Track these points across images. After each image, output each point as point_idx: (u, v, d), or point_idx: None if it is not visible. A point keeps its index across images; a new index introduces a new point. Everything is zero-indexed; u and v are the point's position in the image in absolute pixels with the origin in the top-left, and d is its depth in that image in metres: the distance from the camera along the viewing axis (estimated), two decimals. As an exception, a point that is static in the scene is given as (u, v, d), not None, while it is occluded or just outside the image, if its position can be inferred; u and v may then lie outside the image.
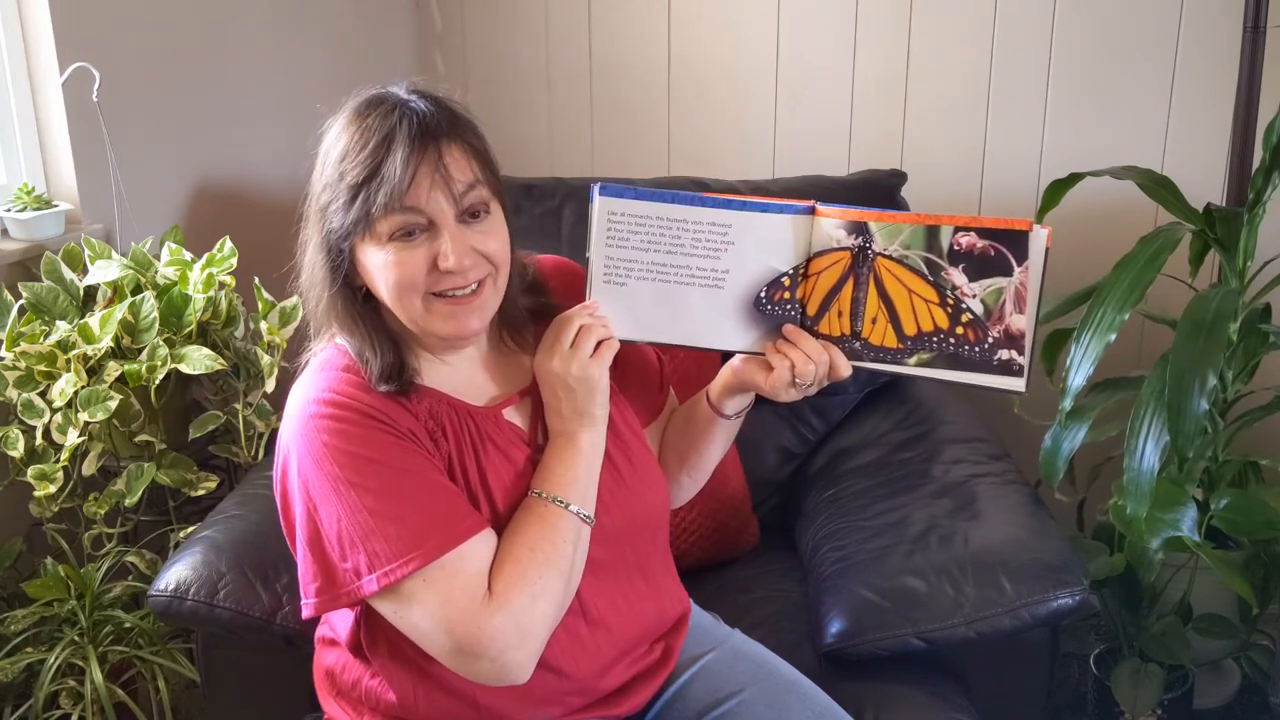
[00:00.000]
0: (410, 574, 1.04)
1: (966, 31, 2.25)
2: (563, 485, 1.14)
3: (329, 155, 1.09)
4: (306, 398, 1.10)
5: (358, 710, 1.21)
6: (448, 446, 1.13)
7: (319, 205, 1.10)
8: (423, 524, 1.05)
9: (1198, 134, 2.15)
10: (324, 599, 1.09)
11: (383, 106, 1.08)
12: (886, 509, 1.60)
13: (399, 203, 1.05)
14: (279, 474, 1.12)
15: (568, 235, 1.94)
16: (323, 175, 1.10)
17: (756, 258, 1.17)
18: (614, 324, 1.19)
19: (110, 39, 1.86)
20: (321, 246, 1.10)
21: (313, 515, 1.07)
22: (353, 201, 1.06)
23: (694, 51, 2.42)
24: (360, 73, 2.40)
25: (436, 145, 1.06)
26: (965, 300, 1.14)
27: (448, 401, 1.15)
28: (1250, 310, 1.78)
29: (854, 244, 1.15)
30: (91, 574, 1.67)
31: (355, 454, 1.06)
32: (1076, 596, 1.37)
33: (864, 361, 1.18)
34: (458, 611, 1.05)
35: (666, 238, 1.17)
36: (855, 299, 1.16)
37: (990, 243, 1.12)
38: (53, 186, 1.86)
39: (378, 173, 1.05)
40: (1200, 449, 1.77)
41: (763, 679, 1.27)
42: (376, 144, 1.05)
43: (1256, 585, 1.81)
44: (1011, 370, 1.14)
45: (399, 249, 1.07)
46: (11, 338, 1.63)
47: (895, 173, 2.07)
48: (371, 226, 1.06)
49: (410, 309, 1.10)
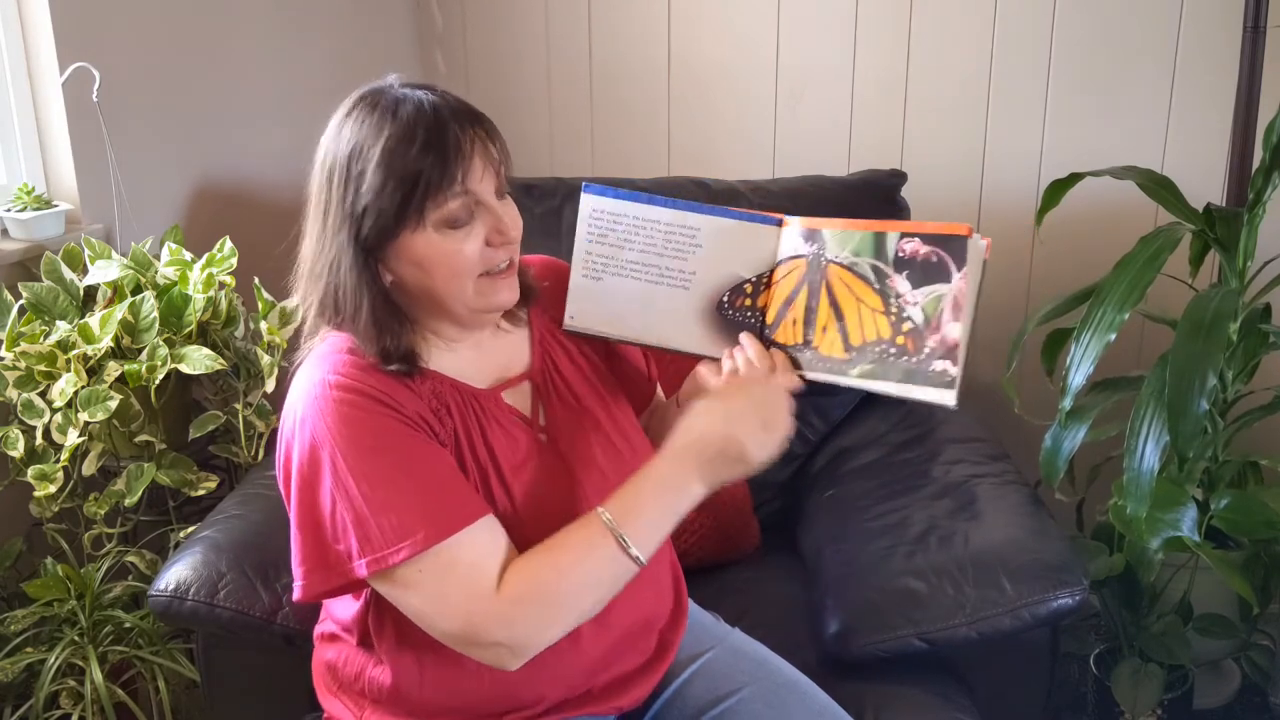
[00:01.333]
0: (403, 561, 1.04)
1: (966, 31, 2.25)
2: (637, 525, 1.08)
3: (358, 148, 1.07)
4: (313, 380, 1.09)
5: (359, 705, 1.21)
6: (453, 424, 1.13)
7: (346, 205, 1.08)
8: (419, 511, 1.05)
9: (1198, 134, 2.15)
10: (313, 580, 1.09)
11: (408, 102, 1.08)
12: (887, 510, 1.60)
13: (462, 187, 1.07)
14: (282, 456, 1.12)
15: (568, 235, 1.93)
16: (350, 167, 1.08)
17: (722, 263, 1.19)
18: (590, 317, 1.23)
19: (110, 39, 1.86)
20: (351, 240, 1.09)
21: (309, 496, 1.08)
22: (409, 194, 1.06)
23: (694, 51, 2.42)
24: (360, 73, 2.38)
25: (481, 129, 1.09)
26: (907, 308, 1.11)
27: (450, 383, 1.16)
28: (1250, 310, 1.78)
29: (809, 251, 1.15)
30: (91, 574, 1.67)
31: (358, 438, 1.06)
32: (1076, 596, 1.37)
33: (815, 372, 1.16)
34: (455, 603, 1.06)
35: (640, 237, 1.20)
36: (809, 307, 1.16)
37: (933, 248, 1.10)
38: (53, 186, 1.86)
39: (442, 162, 1.05)
40: (1200, 449, 1.78)
41: (763, 678, 1.27)
42: (426, 135, 1.06)
43: (1256, 585, 1.81)
44: (943, 382, 1.09)
45: (451, 235, 1.08)
46: (11, 338, 1.63)
47: (895, 173, 2.07)
48: (424, 215, 1.07)
49: (464, 291, 1.11)
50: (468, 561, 1.07)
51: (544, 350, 1.25)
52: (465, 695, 1.16)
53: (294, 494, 1.09)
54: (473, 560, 1.07)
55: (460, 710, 1.17)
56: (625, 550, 1.07)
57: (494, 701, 1.17)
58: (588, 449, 1.21)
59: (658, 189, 2.02)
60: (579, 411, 1.23)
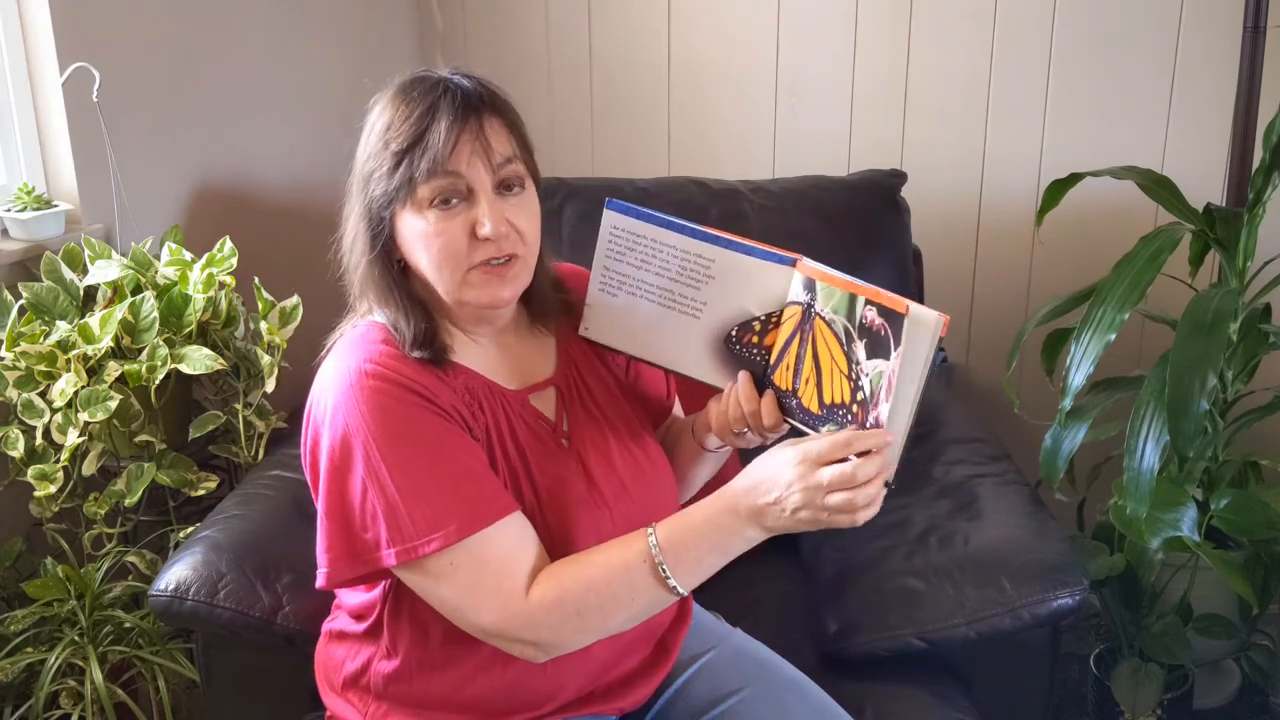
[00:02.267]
0: (433, 553, 1.05)
1: (967, 31, 2.25)
2: (685, 559, 1.07)
3: (374, 128, 1.12)
4: (347, 367, 1.09)
5: (364, 701, 1.21)
6: (485, 420, 1.14)
7: (362, 174, 1.13)
8: (450, 503, 1.06)
9: (1198, 134, 2.15)
10: (339, 568, 1.09)
11: (426, 82, 1.11)
12: (887, 509, 1.59)
13: (441, 167, 1.08)
14: (309, 440, 1.12)
15: (568, 235, 1.94)
16: (367, 146, 1.13)
17: (733, 297, 1.19)
18: (604, 331, 1.24)
19: (110, 39, 1.86)
20: (364, 214, 1.13)
21: (338, 483, 1.08)
22: (396, 167, 1.09)
23: (694, 51, 2.42)
24: (360, 72, 2.39)
25: (478, 116, 1.10)
26: (861, 378, 1.07)
27: (482, 380, 1.16)
28: (1250, 310, 1.78)
29: (805, 300, 1.15)
30: (91, 574, 1.67)
31: (391, 427, 1.06)
32: (1076, 596, 1.37)
33: (796, 421, 1.16)
34: (485, 597, 1.06)
35: (657, 260, 1.20)
36: (798, 356, 1.15)
37: (883, 320, 1.04)
38: (53, 186, 1.86)
39: (422, 139, 1.08)
40: (1200, 449, 1.77)
41: (763, 678, 1.28)
42: (421, 113, 1.09)
43: (1256, 585, 1.81)
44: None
45: (439, 217, 1.09)
46: (11, 338, 1.63)
47: (895, 173, 2.07)
48: (413, 191, 1.09)
49: (449, 279, 1.11)
50: (499, 557, 1.07)
51: (569, 358, 1.26)
52: (475, 693, 1.16)
53: (323, 480, 1.09)
54: (504, 556, 1.07)
55: (468, 707, 1.17)
56: (663, 581, 1.07)
57: (503, 700, 1.17)
58: (608, 458, 1.21)
59: (658, 189, 2.03)
60: (601, 421, 1.23)
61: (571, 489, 1.17)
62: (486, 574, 1.06)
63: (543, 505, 1.14)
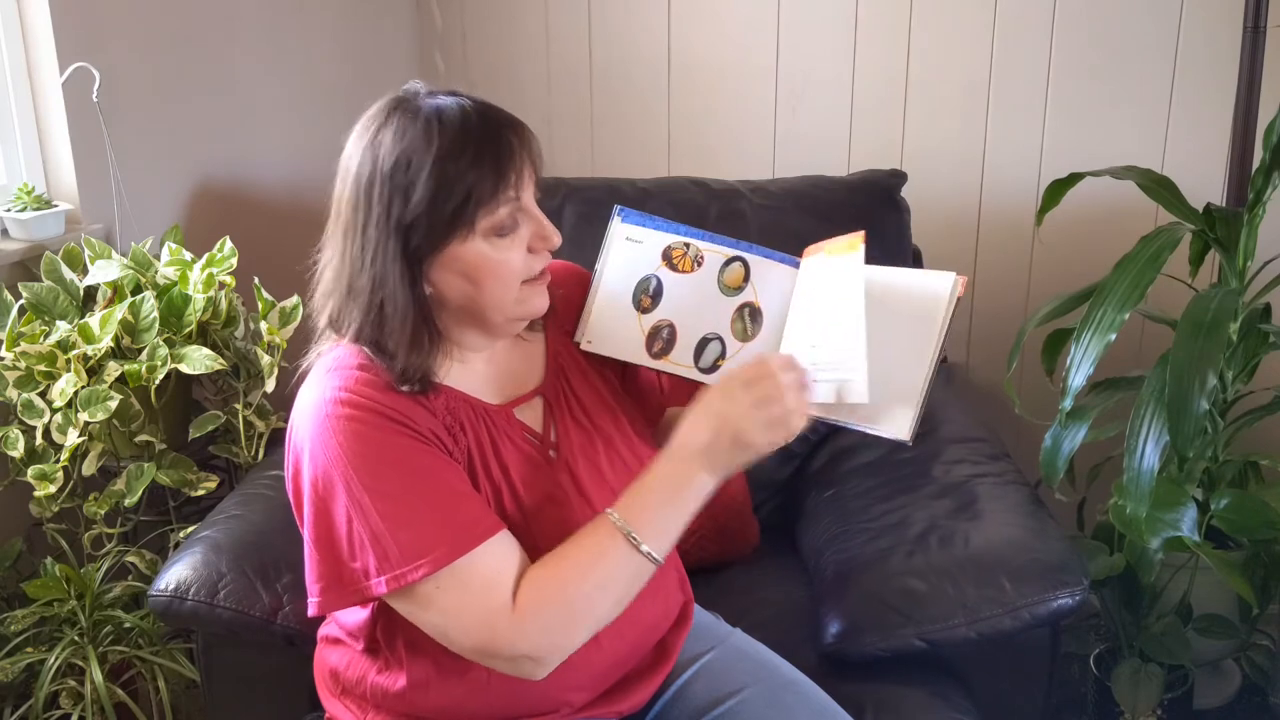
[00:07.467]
0: (421, 579, 1.04)
1: (966, 31, 2.25)
2: (647, 521, 1.08)
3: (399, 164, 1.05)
4: (322, 397, 1.08)
5: (362, 708, 1.21)
6: (466, 441, 1.13)
7: (391, 218, 1.06)
8: (435, 528, 1.05)
9: (1198, 134, 2.15)
10: (330, 597, 1.09)
11: (450, 111, 1.07)
12: (887, 509, 1.60)
13: (511, 194, 1.07)
14: (290, 473, 1.12)
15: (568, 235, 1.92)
16: (393, 184, 1.06)
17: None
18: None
19: (110, 39, 1.86)
20: (399, 258, 1.07)
21: (323, 514, 1.07)
22: (462, 204, 1.05)
23: (694, 52, 2.42)
24: (360, 72, 2.40)
25: (519, 136, 1.09)
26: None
27: (463, 399, 1.15)
28: (1250, 310, 1.78)
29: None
30: (91, 574, 1.67)
31: (370, 455, 1.05)
32: (1076, 596, 1.37)
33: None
34: (473, 618, 1.06)
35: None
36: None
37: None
38: (53, 186, 1.86)
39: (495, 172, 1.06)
40: (1200, 449, 1.78)
41: (764, 678, 1.27)
42: (479, 145, 1.06)
43: (1256, 585, 1.81)
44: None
45: (498, 244, 1.09)
46: (11, 338, 1.63)
47: (895, 173, 2.07)
48: (474, 226, 1.07)
49: (509, 299, 1.11)
50: (484, 577, 1.06)
51: (558, 364, 1.24)
52: (475, 704, 1.16)
53: (307, 513, 1.09)
54: (489, 575, 1.06)
55: (470, 717, 1.17)
56: (636, 548, 1.07)
57: (505, 709, 1.17)
58: (597, 466, 1.20)
59: (658, 189, 2.03)
60: (590, 428, 1.23)
61: (558, 502, 1.16)
62: (472, 594, 1.05)
63: (529, 520, 1.13)
